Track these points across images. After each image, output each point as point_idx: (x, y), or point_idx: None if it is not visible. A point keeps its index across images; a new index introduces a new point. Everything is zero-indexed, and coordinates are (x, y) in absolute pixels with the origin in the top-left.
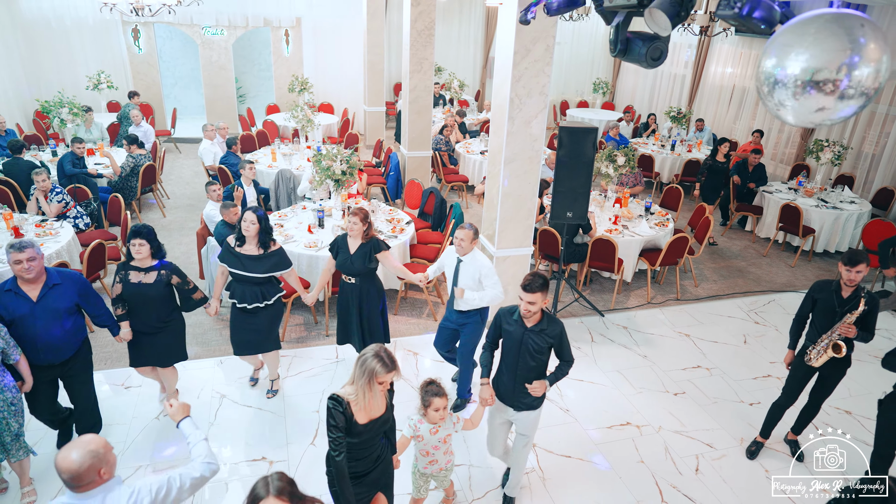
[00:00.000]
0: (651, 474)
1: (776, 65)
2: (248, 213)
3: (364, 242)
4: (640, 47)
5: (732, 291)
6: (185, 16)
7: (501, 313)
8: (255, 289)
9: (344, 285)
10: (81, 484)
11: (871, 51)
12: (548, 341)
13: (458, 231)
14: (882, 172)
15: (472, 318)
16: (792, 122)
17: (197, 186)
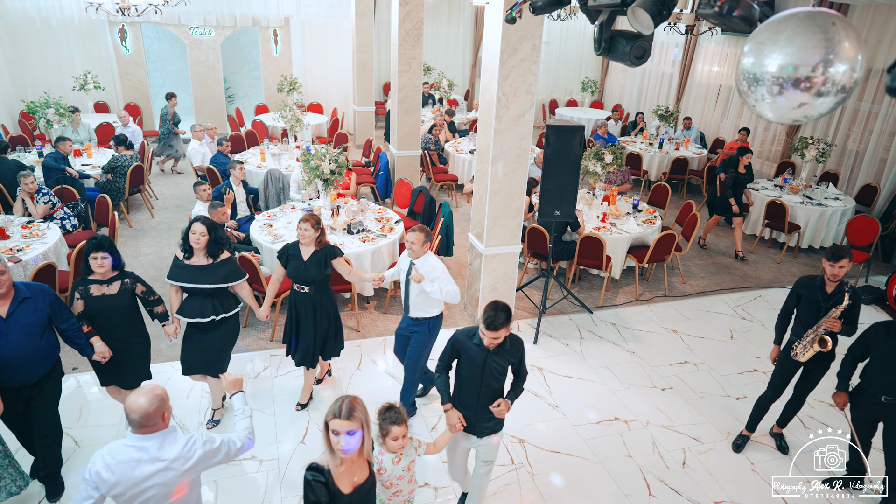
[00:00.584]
0: (639, 468)
1: (755, 63)
2: (195, 224)
3: (318, 249)
4: (623, 46)
5: (719, 288)
6: (172, 16)
7: (460, 336)
8: (207, 301)
9: (295, 295)
10: (148, 424)
11: (846, 49)
12: (510, 360)
13: (409, 234)
14: (865, 169)
15: (421, 327)
16: (772, 118)
17: (185, 187)
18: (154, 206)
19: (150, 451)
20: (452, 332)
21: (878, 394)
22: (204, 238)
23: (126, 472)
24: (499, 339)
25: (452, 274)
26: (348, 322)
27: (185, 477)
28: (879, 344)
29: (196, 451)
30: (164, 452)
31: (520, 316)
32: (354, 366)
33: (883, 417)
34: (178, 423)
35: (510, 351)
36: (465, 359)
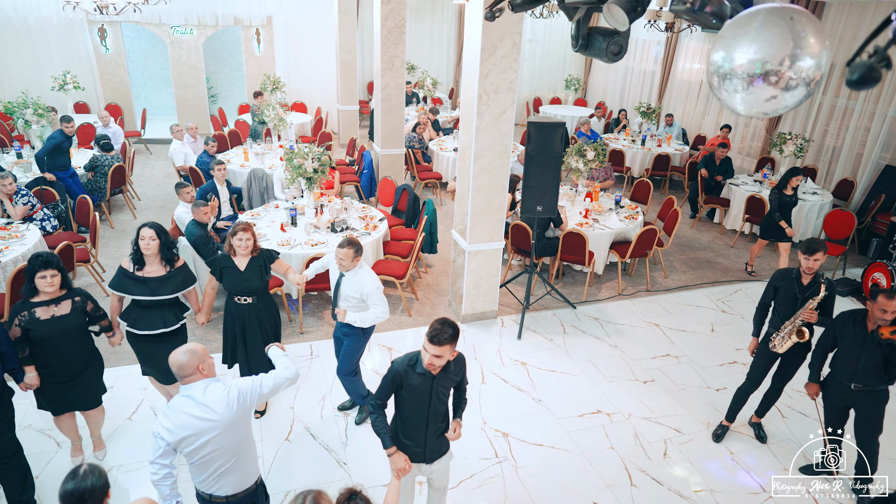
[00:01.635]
0: (621, 460)
1: (724, 58)
2: (144, 228)
3: (255, 256)
4: (600, 42)
5: (701, 282)
6: (152, 15)
7: (400, 368)
8: (166, 311)
9: (236, 308)
10: (185, 375)
11: (811, 43)
12: (454, 380)
13: (337, 250)
14: (842, 164)
15: (353, 330)
16: (742, 112)
17: (168, 188)
18: (136, 207)
19: (196, 397)
20: (389, 365)
21: (848, 381)
22: (154, 242)
23: (181, 420)
24: (442, 357)
25: (437, 271)
26: (332, 320)
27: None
28: (847, 332)
29: (235, 392)
30: (208, 398)
31: (504, 312)
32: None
33: (853, 404)
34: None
35: (454, 371)
36: (409, 391)
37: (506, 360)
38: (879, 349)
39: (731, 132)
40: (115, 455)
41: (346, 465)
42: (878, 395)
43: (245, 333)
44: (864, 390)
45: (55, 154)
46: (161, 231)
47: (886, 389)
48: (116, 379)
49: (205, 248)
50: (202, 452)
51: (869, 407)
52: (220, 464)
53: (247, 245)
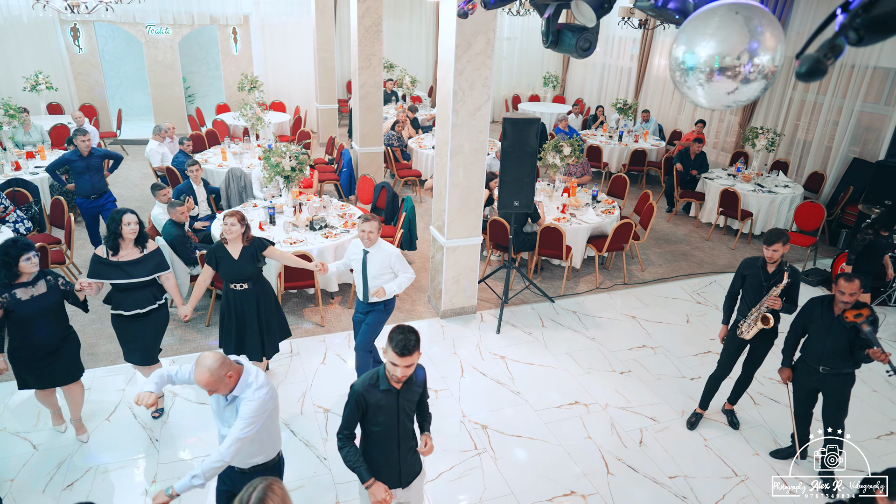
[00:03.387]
0: (598, 448)
1: (686, 53)
2: (128, 214)
3: (246, 245)
4: (570, 38)
5: (677, 274)
6: (126, 14)
7: (362, 390)
8: (137, 293)
9: (233, 294)
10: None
11: (768, 38)
12: (417, 391)
13: (365, 224)
14: (813, 158)
15: (377, 307)
16: (705, 105)
17: (145, 189)
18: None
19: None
20: (350, 389)
21: (816, 364)
22: (138, 227)
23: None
24: (412, 365)
25: (416, 268)
26: (312, 317)
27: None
28: (815, 317)
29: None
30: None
31: (483, 307)
32: (319, 360)
33: (821, 387)
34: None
35: (417, 383)
36: (375, 412)
37: (485, 354)
38: (845, 333)
39: (706, 127)
40: (93, 456)
41: (326, 461)
42: (844, 377)
43: (244, 319)
44: (832, 373)
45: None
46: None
47: (852, 373)
48: (94, 380)
49: (182, 248)
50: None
51: (836, 390)
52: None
53: (231, 230)
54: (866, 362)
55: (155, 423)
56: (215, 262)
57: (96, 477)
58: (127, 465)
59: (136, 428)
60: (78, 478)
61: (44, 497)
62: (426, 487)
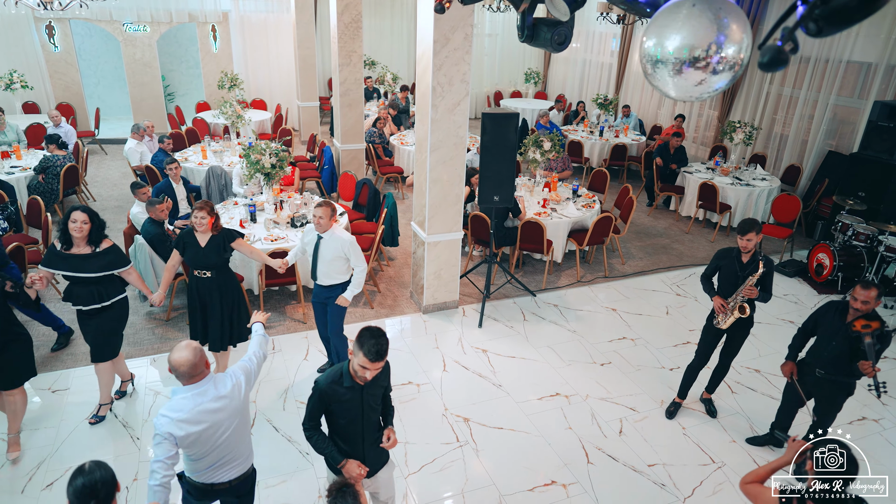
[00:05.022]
0: (578, 439)
1: (656, 45)
2: (76, 212)
3: (215, 234)
4: (545, 32)
5: (657, 267)
6: (102, 11)
7: (325, 387)
8: (91, 289)
9: (197, 281)
10: (197, 373)
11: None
12: (382, 385)
13: (317, 209)
14: (789, 151)
15: (335, 293)
16: (675, 96)
17: (125, 188)
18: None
19: (210, 393)
20: (313, 385)
21: (815, 368)
22: (87, 226)
23: (197, 417)
24: (382, 365)
25: (399, 264)
26: (294, 314)
27: (243, 401)
28: (826, 320)
29: (241, 377)
30: (221, 389)
31: (465, 301)
32: (301, 356)
33: (815, 390)
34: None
35: (382, 377)
36: (338, 408)
37: (467, 347)
38: (848, 341)
39: (685, 122)
40: (74, 455)
41: (308, 456)
42: (838, 385)
43: (205, 306)
44: (827, 378)
45: None
46: (94, 216)
47: (850, 382)
48: (73, 380)
49: (161, 247)
50: (216, 441)
51: (828, 396)
52: (229, 450)
53: (201, 223)
54: (858, 376)
55: (136, 422)
56: (183, 246)
57: None
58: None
59: (116, 427)
60: (57, 478)
61: (23, 497)
62: (409, 480)
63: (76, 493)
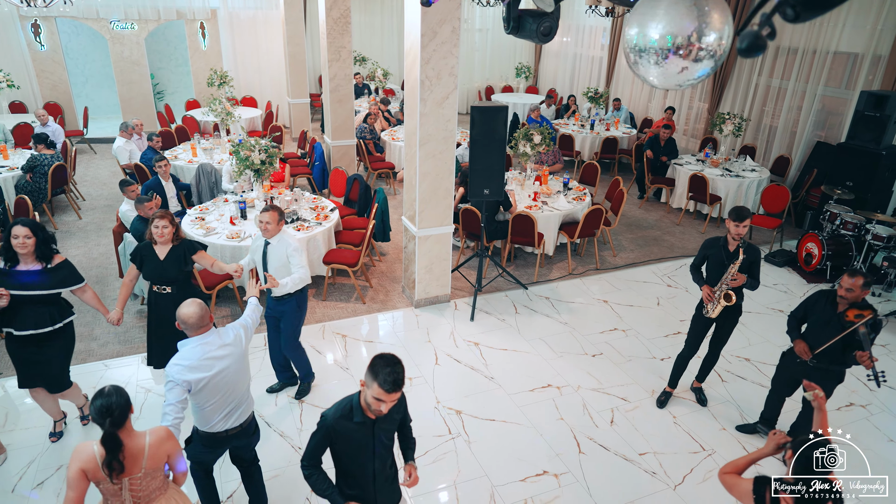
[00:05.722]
0: (570, 429)
1: (638, 34)
2: (17, 227)
3: (175, 245)
4: (530, 24)
5: (648, 259)
6: (89, 9)
7: (333, 422)
8: (42, 310)
9: (156, 297)
10: (204, 324)
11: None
12: (396, 419)
13: (263, 214)
14: (778, 142)
15: (288, 305)
16: (658, 84)
17: (114, 187)
18: (81, 207)
19: (215, 343)
20: (319, 419)
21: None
22: (30, 241)
23: (205, 364)
24: (396, 400)
25: (390, 259)
26: None
27: (243, 351)
28: (817, 309)
29: (240, 330)
30: (225, 339)
31: (457, 295)
32: None
33: (804, 377)
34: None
35: (395, 409)
36: (346, 446)
37: (459, 341)
38: (841, 331)
39: (675, 114)
40: (62, 457)
41: (300, 450)
42: (830, 373)
43: (164, 325)
44: (819, 367)
45: None
46: (37, 229)
47: (841, 371)
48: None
49: None
50: (224, 387)
51: (819, 384)
52: (236, 395)
53: (163, 232)
54: (855, 364)
55: None
56: (140, 260)
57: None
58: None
59: None
60: (49, 476)
61: (13, 496)
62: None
63: (97, 410)
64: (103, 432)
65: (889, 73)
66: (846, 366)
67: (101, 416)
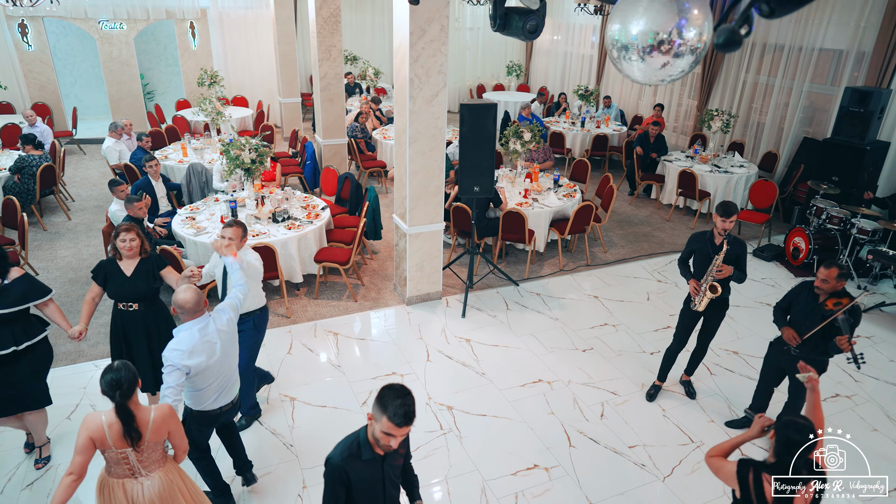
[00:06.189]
0: (560, 423)
1: (621, 30)
2: None
3: (143, 259)
4: (517, 21)
5: (638, 255)
6: (77, 9)
7: (342, 462)
8: (5, 331)
9: (120, 315)
10: (199, 309)
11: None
12: (401, 454)
13: (226, 230)
14: (766, 138)
15: (245, 325)
16: (641, 80)
17: (104, 188)
18: (70, 208)
19: (211, 326)
20: (326, 464)
21: (789, 345)
22: None
23: (202, 348)
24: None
25: (382, 257)
26: (277, 309)
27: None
28: (800, 299)
29: (230, 313)
30: (219, 323)
31: (448, 292)
32: (285, 350)
33: (789, 368)
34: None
35: (402, 442)
36: (358, 485)
37: (450, 337)
38: (822, 320)
39: (665, 111)
40: (54, 455)
41: (293, 448)
42: (813, 363)
43: (130, 342)
44: (802, 357)
45: None
46: None
47: (824, 361)
48: (53, 379)
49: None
50: (219, 368)
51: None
52: (228, 375)
53: (131, 246)
54: (836, 352)
55: None
56: (103, 278)
57: (57, 475)
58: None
59: None
60: (38, 477)
61: (3, 498)
62: None
63: (107, 384)
64: (115, 404)
65: (872, 69)
66: (828, 355)
67: (111, 388)
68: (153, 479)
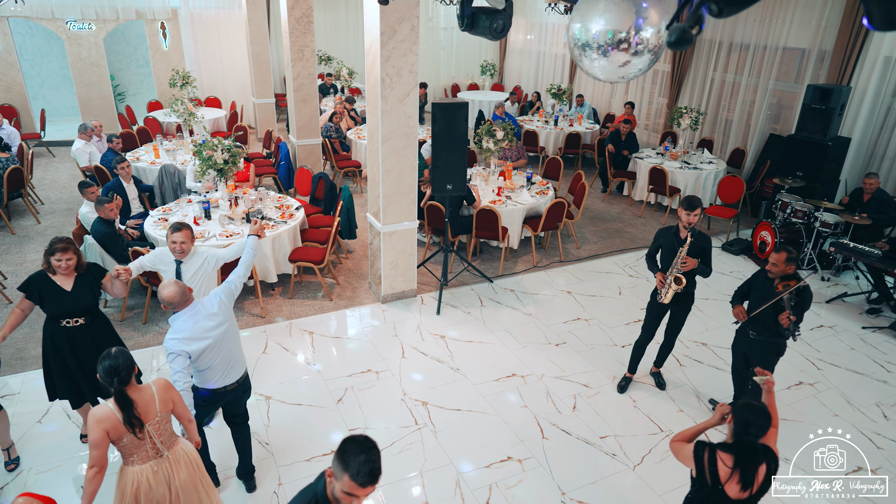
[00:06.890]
0: (533, 416)
1: (581, 30)
2: None
3: (82, 273)
4: (484, 21)
5: (610, 250)
6: (43, 9)
7: None
8: None
9: (65, 333)
10: (187, 299)
11: (652, 14)
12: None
13: (176, 234)
14: (734, 135)
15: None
16: (602, 77)
17: (74, 190)
18: (39, 211)
19: (202, 312)
20: None
21: (748, 330)
22: None
23: (199, 334)
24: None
25: (357, 256)
26: (252, 309)
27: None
28: (757, 285)
29: (222, 296)
30: (210, 308)
31: (423, 290)
32: (260, 350)
33: (750, 352)
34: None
35: None
36: None
37: (425, 334)
38: (773, 301)
39: (636, 109)
40: (26, 461)
41: (268, 446)
42: (770, 345)
43: (78, 358)
44: (759, 339)
45: None
46: None
47: (780, 343)
48: (24, 384)
49: (113, 246)
50: (220, 348)
51: (761, 356)
52: (231, 353)
53: (67, 265)
54: (784, 332)
55: None
56: (39, 297)
57: (29, 478)
58: (61, 464)
59: (70, 429)
60: (9, 481)
61: None
62: None
63: (105, 370)
64: (114, 391)
65: (833, 67)
66: (782, 337)
67: (109, 375)
68: (177, 453)
